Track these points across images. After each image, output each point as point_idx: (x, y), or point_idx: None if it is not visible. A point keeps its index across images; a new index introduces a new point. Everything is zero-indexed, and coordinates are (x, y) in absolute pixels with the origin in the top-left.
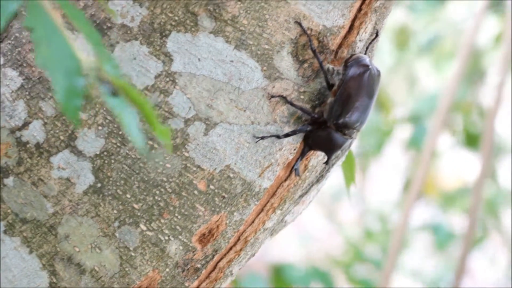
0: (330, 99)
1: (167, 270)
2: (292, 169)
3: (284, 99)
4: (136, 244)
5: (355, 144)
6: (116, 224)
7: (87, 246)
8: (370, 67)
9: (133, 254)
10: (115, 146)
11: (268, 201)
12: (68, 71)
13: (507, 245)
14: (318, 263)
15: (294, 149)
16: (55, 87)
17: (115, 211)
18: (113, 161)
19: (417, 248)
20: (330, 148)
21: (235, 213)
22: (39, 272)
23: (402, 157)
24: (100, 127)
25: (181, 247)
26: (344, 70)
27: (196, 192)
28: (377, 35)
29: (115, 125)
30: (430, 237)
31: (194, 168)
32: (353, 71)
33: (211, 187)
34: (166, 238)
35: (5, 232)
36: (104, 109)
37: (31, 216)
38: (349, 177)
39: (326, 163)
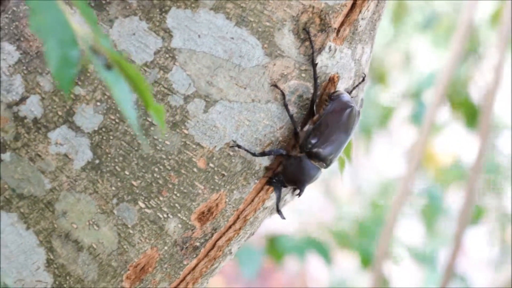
0: (308, 126)
1: (166, 248)
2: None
3: (283, 96)
4: (135, 222)
5: None
6: (115, 201)
7: (85, 223)
8: (352, 106)
9: (131, 231)
10: (114, 122)
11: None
12: (62, 40)
13: (503, 222)
14: (313, 234)
15: (295, 128)
16: (48, 56)
17: (113, 188)
18: (111, 137)
19: (413, 224)
20: (303, 177)
21: (234, 192)
22: (36, 249)
23: (403, 133)
24: (98, 103)
25: (180, 225)
26: (328, 102)
27: (195, 170)
28: (363, 79)
29: (114, 101)
30: (425, 208)
31: (194, 146)
32: (336, 105)
33: (211, 165)
34: (165, 216)
35: (1, 207)
36: (103, 84)
37: (28, 192)
38: (346, 156)
39: (299, 195)
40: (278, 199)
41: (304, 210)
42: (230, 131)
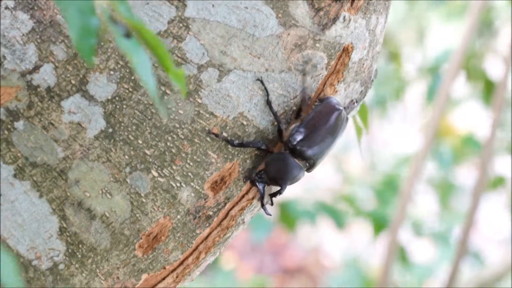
0: (294, 124)
1: (178, 217)
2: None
3: (266, 93)
4: (148, 190)
5: (370, 94)
6: (128, 169)
7: (97, 192)
8: (341, 109)
9: (144, 200)
10: (127, 91)
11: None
12: (82, 9)
13: None
14: (324, 198)
15: (309, 98)
16: (69, 25)
17: (126, 157)
18: (125, 106)
19: (426, 200)
20: (285, 175)
21: (248, 161)
22: (49, 217)
23: (419, 109)
24: (112, 72)
25: (192, 194)
26: (317, 103)
27: (208, 139)
28: (356, 102)
29: (127, 70)
30: (438, 191)
31: (207, 115)
32: (325, 106)
33: (224, 134)
34: (178, 184)
35: (14, 176)
36: (116, 53)
37: (41, 160)
38: (363, 127)
39: (279, 193)
40: (262, 196)
41: (315, 188)
42: (244, 101)
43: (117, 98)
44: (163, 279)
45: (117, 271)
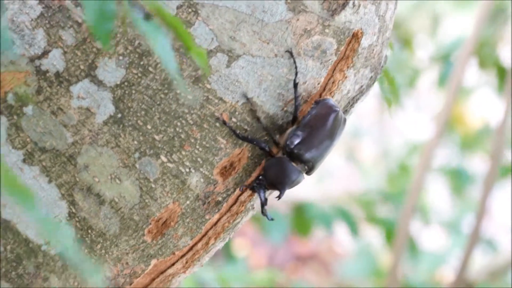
0: (291, 128)
1: (188, 202)
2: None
3: (295, 80)
4: (157, 176)
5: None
6: (137, 155)
7: (106, 177)
8: (338, 110)
9: (153, 185)
10: (136, 76)
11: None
12: None
13: None
14: (338, 202)
15: (318, 83)
16: (85, 10)
17: (135, 142)
18: (134, 91)
19: (437, 189)
20: (284, 179)
21: (257, 147)
22: (58, 202)
23: (431, 97)
24: (121, 57)
25: (202, 180)
26: (313, 106)
27: (218, 124)
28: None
29: (136, 56)
30: (450, 180)
31: (216, 100)
32: (321, 108)
33: (233, 119)
34: (187, 170)
35: (24, 161)
36: (125, 39)
37: (50, 145)
38: (393, 97)
39: (279, 198)
40: (262, 202)
41: (327, 176)
42: (253, 86)
43: (126, 83)
44: (173, 264)
45: (126, 256)
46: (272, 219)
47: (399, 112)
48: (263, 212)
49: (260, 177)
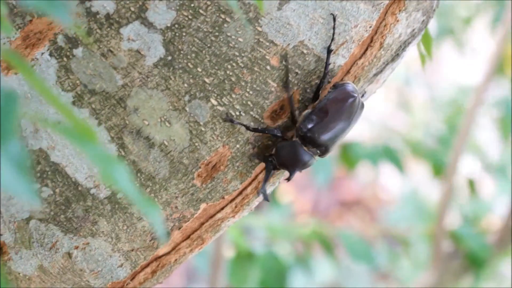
0: (307, 111)
1: (238, 146)
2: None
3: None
4: (207, 119)
5: (432, 25)
6: (187, 98)
7: (156, 120)
8: (356, 96)
9: (203, 129)
10: (187, 18)
11: (342, 79)
12: None
13: None
14: (386, 142)
15: (370, 27)
16: None
17: (185, 85)
18: (184, 34)
19: (487, 128)
20: (294, 162)
21: (308, 90)
22: (107, 145)
23: (482, 40)
24: None
25: (252, 123)
26: (331, 89)
27: (268, 67)
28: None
29: None
30: (500, 117)
31: (267, 43)
32: (339, 92)
33: (284, 62)
34: (237, 113)
35: (73, 103)
36: None
37: (100, 88)
38: (427, 52)
39: (288, 179)
40: (266, 179)
41: (376, 121)
42: (304, 29)
43: (176, 26)
44: (222, 209)
45: (175, 200)
46: (268, 201)
47: (451, 57)
48: (263, 191)
49: (273, 156)
